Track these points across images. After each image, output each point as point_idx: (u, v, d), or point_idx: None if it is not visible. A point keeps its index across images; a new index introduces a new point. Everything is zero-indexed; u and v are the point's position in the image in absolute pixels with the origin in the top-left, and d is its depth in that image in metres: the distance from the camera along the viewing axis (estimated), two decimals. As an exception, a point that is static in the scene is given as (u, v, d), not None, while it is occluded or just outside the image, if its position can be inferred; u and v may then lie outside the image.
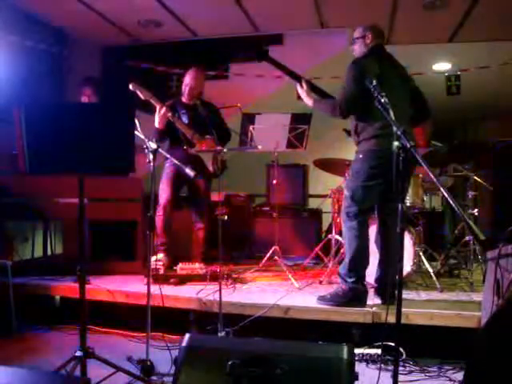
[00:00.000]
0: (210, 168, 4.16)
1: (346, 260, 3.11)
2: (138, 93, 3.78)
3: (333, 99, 3.17)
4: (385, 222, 3.21)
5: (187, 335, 1.97)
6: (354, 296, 3.05)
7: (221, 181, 3.36)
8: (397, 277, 2.07)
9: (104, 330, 3.32)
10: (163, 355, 2.71)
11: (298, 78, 3.30)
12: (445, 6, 4.75)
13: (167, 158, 4.09)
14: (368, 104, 3.00)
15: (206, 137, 4.10)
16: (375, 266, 3.34)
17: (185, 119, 4.18)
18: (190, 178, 3.82)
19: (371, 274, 3.27)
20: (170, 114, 3.99)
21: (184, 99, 4.30)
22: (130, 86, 3.74)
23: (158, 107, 3.96)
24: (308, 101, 3.28)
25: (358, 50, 3.29)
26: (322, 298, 3.12)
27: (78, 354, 2.30)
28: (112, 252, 4.34)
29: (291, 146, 4.27)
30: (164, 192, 4.12)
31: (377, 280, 3.22)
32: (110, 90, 5.16)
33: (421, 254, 3.78)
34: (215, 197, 4.44)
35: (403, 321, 2.25)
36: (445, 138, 6.17)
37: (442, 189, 2.02)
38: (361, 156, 3.11)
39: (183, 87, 4.28)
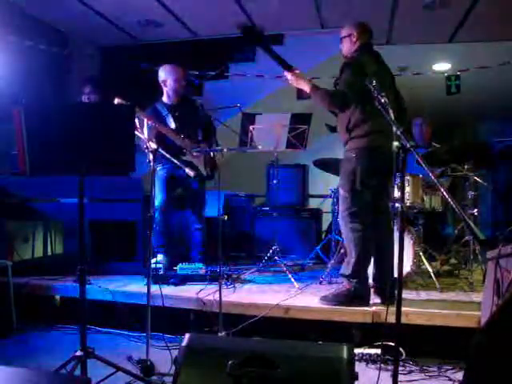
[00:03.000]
0: (204, 172, 4.15)
1: (351, 261, 3.07)
2: None
3: (331, 90, 3.14)
4: (377, 221, 3.20)
5: (187, 335, 1.97)
6: (358, 295, 3.05)
7: (220, 181, 3.35)
8: (395, 276, 2.07)
9: (104, 329, 3.32)
10: (163, 355, 2.71)
11: (289, 68, 3.15)
12: (445, 6, 4.75)
13: (159, 162, 4.06)
14: (364, 101, 3.00)
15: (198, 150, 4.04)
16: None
17: (171, 123, 4.11)
18: (190, 177, 3.84)
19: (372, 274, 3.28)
20: (157, 125, 3.91)
21: (167, 100, 4.20)
22: (115, 101, 3.59)
23: (145, 120, 3.87)
24: (305, 86, 3.12)
25: (347, 47, 3.27)
26: (324, 298, 3.11)
27: (78, 353, 2.30)
28: (112, 252, 4.35)
29: (291, 146, 4.27)
30: (159, 195, 4.10)
31: (374, 279, 3.22)
32: (109, 90, 5.16)
33: (421, 254, 3.78)
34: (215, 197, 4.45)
35: (403, 321, 2.25)
36: (445, 138, 6.17)
37: (441, 189, 2.02)
38: (354, 155, 3.07)
39: (169, 85, 4.13)
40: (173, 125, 4.11)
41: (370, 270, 3.24)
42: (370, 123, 3.03)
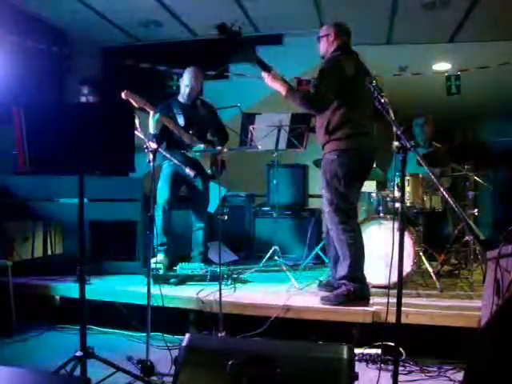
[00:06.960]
0: (208, 170, 4.16)
1: (348, 262, 3.07)
2: (131, 101, 3.59)
3: (308, 91, 3.13)
4: None
5: (187, 335, 1.97)
6: (358, 295, 3.05)
7: (221, 181, 3.36)
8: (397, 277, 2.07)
9: (104, 330, 3.32)
10: (163, 355, 2.71)
11: (266, 68, 3.14)
12: (445, 6, 4.76)
13: (165, 159, 4.09)
14: (344, 102, 3.00)
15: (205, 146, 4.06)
16: (377, 267, 3.36)
17: (181, 120, 4.15)
18: (190, 177, 3.84)
19: (373, 274, 3.28)
20: (163, 119, 3.95)
21: (182, 99, 4.27)
22: (123, 95, 3.57)
23: (151, 113, 3.87)
24: (280, 87, 3.11)
25: (324, 47, 3.27)
26: (325, 299, 3.10)
27: (78, 353, 2.30)
28: (112, 252, 4.35)
29: (291, 146, 4.27)
30: (162, 192, 4.11)
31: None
32: (109, 89, 5.16)
33: (421, 253, 3.78)
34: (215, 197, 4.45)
35: (403, 321, 2.25)
36: (445, 138, 6.17)
37: (441, 189, 2.02)
38: (335, 156, 3.05)
39: (182, 87, 4.24)
40: (182, 122, 4.14)
41: (375, 270, 3.25)
42: (350, 125, 3.02)
